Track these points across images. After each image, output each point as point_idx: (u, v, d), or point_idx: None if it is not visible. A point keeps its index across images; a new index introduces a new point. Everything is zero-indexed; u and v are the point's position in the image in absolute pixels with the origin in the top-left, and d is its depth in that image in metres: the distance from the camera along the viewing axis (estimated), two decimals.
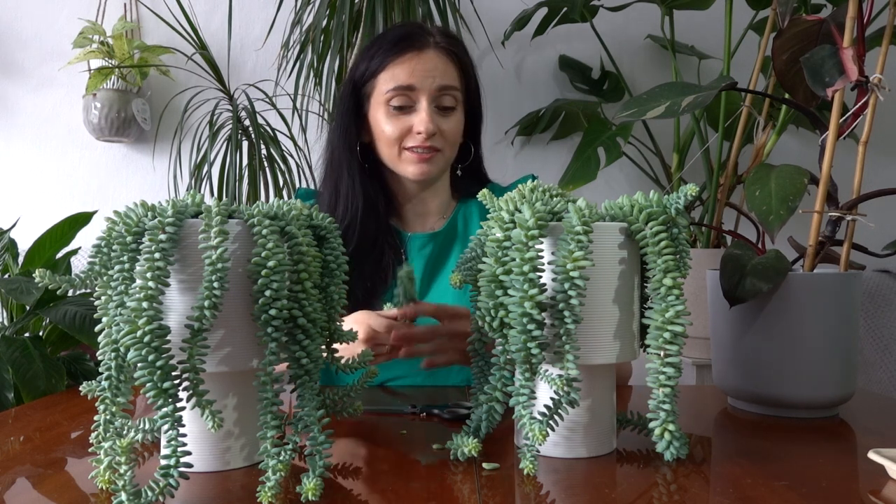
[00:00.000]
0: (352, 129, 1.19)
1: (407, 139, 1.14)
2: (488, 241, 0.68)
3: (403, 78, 1.13)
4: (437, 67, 1.14)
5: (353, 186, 1.17)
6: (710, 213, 1.82)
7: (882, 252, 1.02)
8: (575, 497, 0.61)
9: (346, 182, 1.18)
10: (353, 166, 1.18)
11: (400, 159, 1.16)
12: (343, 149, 1.20)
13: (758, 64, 1.80)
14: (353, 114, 1.19)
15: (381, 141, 1.17)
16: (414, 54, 1.14)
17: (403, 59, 1.14)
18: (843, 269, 0.93)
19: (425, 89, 1.13)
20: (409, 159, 1.15)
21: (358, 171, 1.18)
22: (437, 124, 1.14)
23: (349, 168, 1.18)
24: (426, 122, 1.12)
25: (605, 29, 2.08)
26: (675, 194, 0.68)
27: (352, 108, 1.19)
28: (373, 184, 1.20)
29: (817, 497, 0.59)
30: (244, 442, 0.67)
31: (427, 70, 1.14)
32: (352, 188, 1.17)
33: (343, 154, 1.19)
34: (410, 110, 1.14)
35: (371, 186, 1.19)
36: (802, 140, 2.24)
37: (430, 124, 1.12)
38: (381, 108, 1.15)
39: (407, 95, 1.13)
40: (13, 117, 2.23)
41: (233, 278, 0.63)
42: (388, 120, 1.15)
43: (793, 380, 0.86)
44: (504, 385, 0.71)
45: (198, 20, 2.06)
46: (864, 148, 0.93)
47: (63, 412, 0.93)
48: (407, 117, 1.14)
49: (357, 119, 1.20)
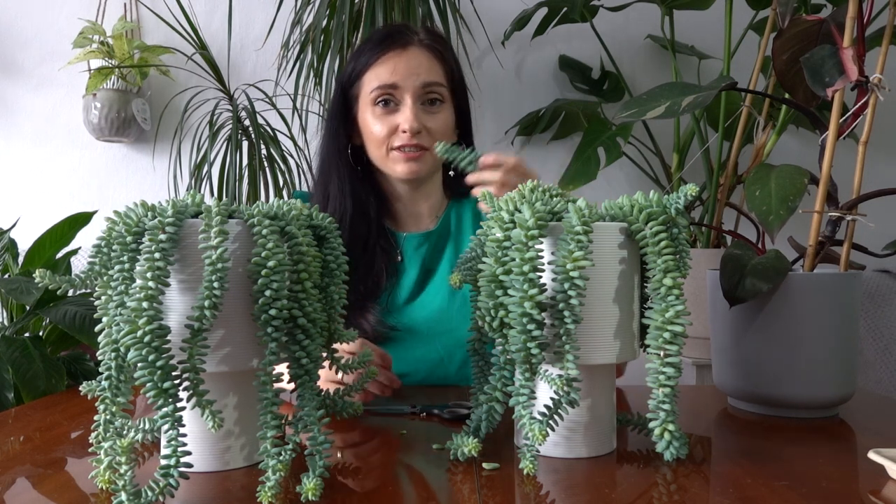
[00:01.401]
0: (340, 132, 1.19)
1: (394, 138, 1.14)
2: (488, 241, 0.68)
3: (387, 76, 1.13)
4: (421, 65, 1.14)
5: (341, 189, 1.17)
6: (710, 213, 1.82)
7: (882, 252, 1.02)
8: (575, 497, 0.61)
9: (335, 185, 1.18)
10: (342, 169, 1.18)
11: (388, 158, 1.15)
12: (332, 152, 1.20)
13: (758, 64, 1.80)
14: (341, 116, 1.19)
15: (370, 141, 1.17)
16: (397, 52, 1.14)
17: (387, 57, 1.14)
18: (843, 269, 0.93)
19: (409, 87, 1.13)
20: (396, 158, 1.15)
21: (347, 174, 1.18)
22: (423, 122, 1.13)
23: (338, 171, 1.18)
24: (410, 120, 1.12)
25: (605, 29, 2.08)
26: (675, 194, 0.68)
27: (340, 110, 1.19)
28: (364, 186, 1.20)
29: (817, 497, 0.59)
30: (244, 442, 0.67)
31: (410, 67, 1.13)
32: (340, 191, 1.17)
33: (332, 157, 1.19)
34: (396, 109, 1.14)
35: (362, 189, 1.19)
36: (802, 140, 2.24)
37: (414, 122, 1.12)
38: (368, 108, 1.15)
39: (391, 94, 1.13)
40: (13, 117, 2.23)
41: (233, 278, 0.63)
42: (374, 120, 1.14)
43: (793, 380, 0.86)
44: (504, 385, 0.71)
45: (198, 20, 2.06)
46: (864, 148, 0.93)
47: (63, 412, 0.93)
48: (392, 116, 1.14)
49: (346, 122, 1.20)
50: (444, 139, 1.15)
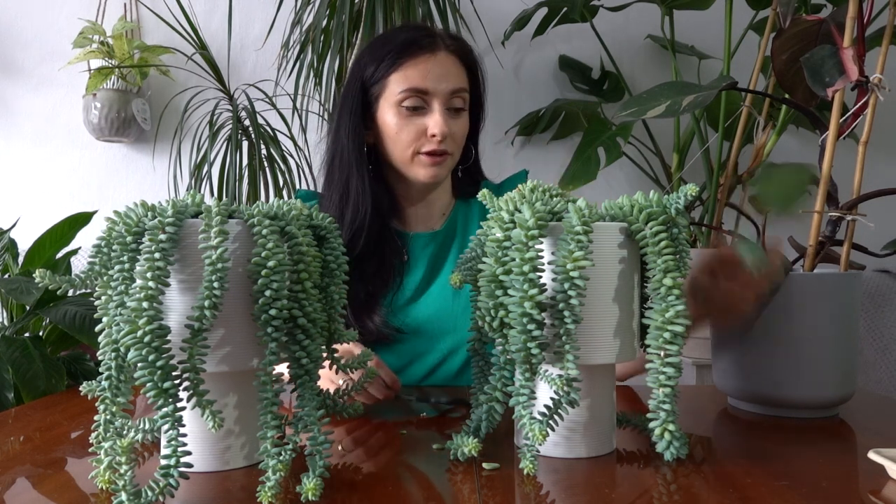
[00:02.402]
0: (360, 129, 1.17)
1: (421, 142, 1.13)
2: (488, 241, 0.68)
3: (418, 80, 1.12)
4: (449, 71, 1.14)
5: (363, 188, 1.15)
6: (710, 213, 1.82)
7: (882, 252, 1.02)
8: (575, 497, 0.61)
9: (355, 184, 1.16)
10: (362, 167, 1.17)
11: (412, 162, 1.14)
12: (353, 150, 1.17)
13: (758, 64, 1.80)
14: (360, 114, 1.18)
15: (394, 143, 1.15)
16: (427, 56, 1.13)
17: (417, 60, 1.13)
18: (843, 269, 0.93)
19: (439, 92, 1.12)
20: (421, 163, 1.14)
21: (366, 173, 1.17)
22: (449, 127, 1.13)
23: (359, 169, 1.16)
24: (441, 125, 1.11)
25: (605, 29, 2.08)
26: (675, 194, 0.68)
27: (359, 108, 1.17)
28: (379, 186, 1.19)
29: (817, 497, 0.59)
30: (244, 442, 0.67)
31: (441, 73, 1.13)
32: (362, 190, 1.15)
33: (353, 155, 1.17)
34: (423, 112, 1.13)
35: (381, 190, 1.18)
36: (802, 140, 2.24)
37: (444, 127, 1.11)
38: (392, 109, 1.13)
39: (421, 97, 1.12)
40: (13, 117, 2.23)
41: (233, 278, 0.63)
42: (400, 122, 1.13)
43: (793, 380, 0.86)
44: (504, 385, 0.71)
45: (198, 20, 2.06)
46: (864, 148, 0.93)
47: (63, 412, 0.93)
48: (420, 119, 1.13)
49: (364, 120, 1.19)
50: (462, 143, 1.18)
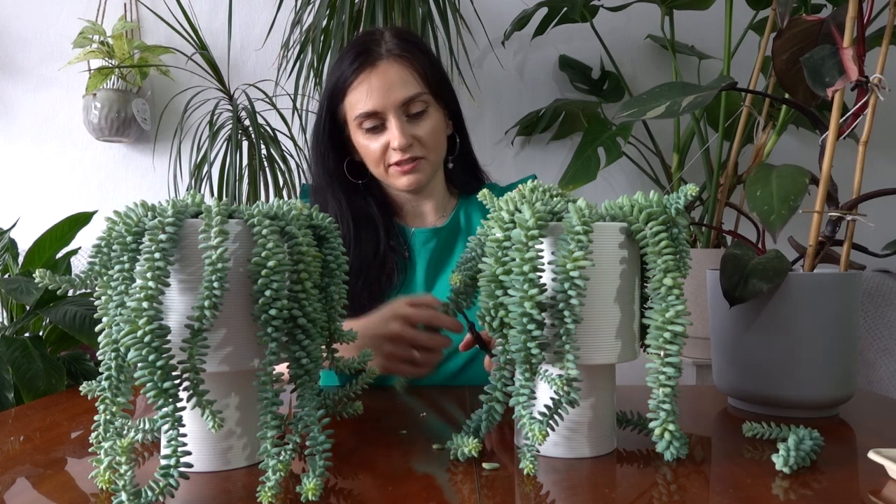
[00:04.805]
0: (328, 156, 1.19)
1: (388, 155, 1.14)
2: (488, 241, 0.68)
3: (363, 104, 1.12)
4: (393, 82, 1.12)
5: (339, 209, 1.17)
6: (710, 213, 1.82)
7: (882, 252, 1.02)
8: (575, 497, 0.61)
9: (332, 205, 1.18)
10: (336, 190, 1.18)
11: (388, 175, 1.17)
12: (321, 175, 1.19)
13: (758, 64, 1.80)
14: (329, 139, 1.19)
15: (368, 160, 1.17)
16: (367, 73, 1.12)
17: (360, 81, 1.12)
18: (843, 269, 0.93)
19: (389, 107, 1.12)
20: (395, 174, 1.16)
21: (342, 193, 1.18)
22: (412, 133, 1.13)
23: (332, 193, 1.18)
24: (398, 138, 1.11)
25: (605, 29, 2.08)
26: (675, 194, 0.68)
27: (329, 131, 1.18)
28: (366, 199, 1.20)
29: (817, 497, 0.59)
30: (245, 442, 0.67)
31: (385, 87, 1.11)
32: (339, 211, 1.17)
33: (323, 179, 1.19)
34: (383, 128, 1.14)
35: (364, 202, 1.19)
36: (802, 140, 2.24)
37: (402, 139, 1.11)
38: (358, 130, 1.15)
39: (373, 118, 1.13)
40: (13, 117, 2.23)
41: (233, 278, 0.63)
42: (365, 142, 1.15)
43: (793, 380, 0.86)
44: (504, 385, 0.71)
45: (198, 20, 2.06)
46: (864, 148, 0.93)
47: (63, 412, 0.93)
48: (382, 135, 1.14)
49: (337, 143, 1.19)
50: (437, 142, 1.17)
